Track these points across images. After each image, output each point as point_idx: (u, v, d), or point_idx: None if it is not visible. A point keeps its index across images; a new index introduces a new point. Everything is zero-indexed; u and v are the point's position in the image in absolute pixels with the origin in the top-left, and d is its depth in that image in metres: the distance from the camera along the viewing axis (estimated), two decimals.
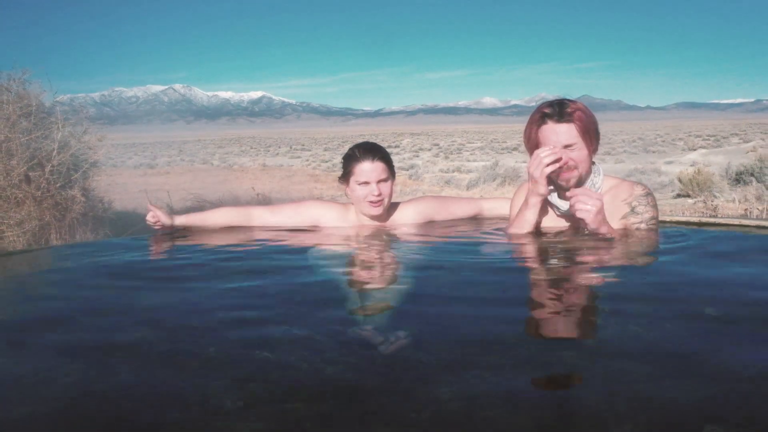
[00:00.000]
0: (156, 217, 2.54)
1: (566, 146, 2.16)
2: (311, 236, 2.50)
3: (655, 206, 2.23)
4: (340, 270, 2.02)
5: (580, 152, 2.17)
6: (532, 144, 2.22)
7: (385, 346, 1.22)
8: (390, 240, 2.46)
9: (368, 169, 2.45)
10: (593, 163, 2.28)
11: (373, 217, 2.56)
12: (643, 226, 2.19)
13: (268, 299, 1.62)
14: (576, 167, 2.18)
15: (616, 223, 2.21)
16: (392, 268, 2.07)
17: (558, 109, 2.16)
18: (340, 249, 2.35)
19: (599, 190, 2.25)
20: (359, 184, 2.46)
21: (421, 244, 2.39)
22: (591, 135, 2.18)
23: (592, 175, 2.26)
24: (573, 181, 2.21)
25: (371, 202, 2.46)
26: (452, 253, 2.18)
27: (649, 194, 2.25)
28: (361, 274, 1.98)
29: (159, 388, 1.06)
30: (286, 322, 1.39)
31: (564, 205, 2.28)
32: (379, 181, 2.46)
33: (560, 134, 2.15)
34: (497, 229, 2.54)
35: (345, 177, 2.54)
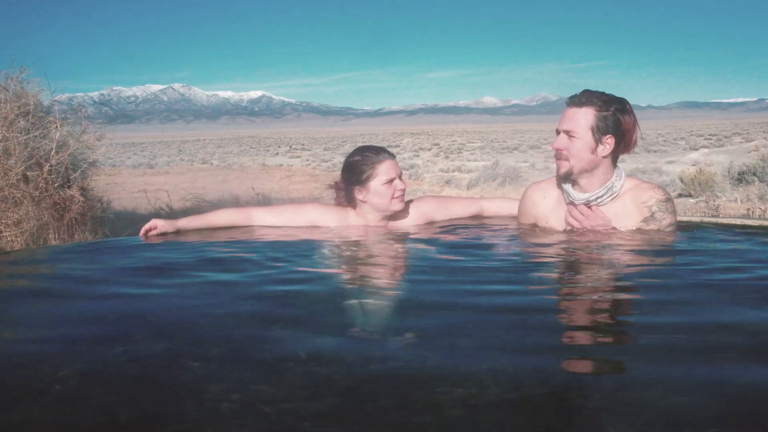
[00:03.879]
0: (152, 226, 2.54)
1: (566, 131, 2.15)
2: (312, 237, 2.49)
3: (673, 212, 2.22)
4: (341, 271, 2.02)
5: (576, 144, 2.13)
6: None
7: (394, 342, 1.22)
8: (390, 240, 2.45)
9: (393, 165, 2.49)
10: (616, 166, 2.23)
11: (385, 216, 2.56)
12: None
13: (267, 300, 1.61)
14: (567, 159, 2.15)
15: (635, 226, 2.20)
16: (393, 268, 2.06)
17: (580, 95, 2.15)
18: (340, 250, 2.34)
19: (619, 192, 2.23)
20: (384, 184, 2.47)
21: (421, 245, 2.38)
22: (604, 132, 2.12)
23: (610, 181, 2.21)
24: (562, 171, 2.19)
25: (399, 198, 2.51)
26: (453, 254, 2.18)
27: (669, 200, 2.23)
28: (361, 274, 1.97)
29: (156, 389, 1.05)
30: (285, 323, 1.38)
31: (575, 194, 2.26)
32: (400, 176, 2.52)
33: (564, 118, 2.16)
34: (498, 229, 2.54)
35: (362, 183, 2.50)
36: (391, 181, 2.48)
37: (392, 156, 2.54)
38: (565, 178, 2.22)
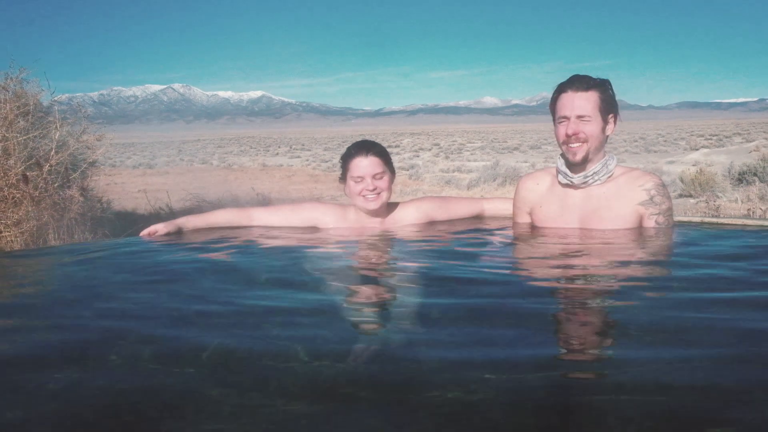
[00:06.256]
0: (150, 232, 2.56)
1: (579, 117, 2.19)
2: (310, 237, 2.50)
3: (670, 197, 2.30)
4: (340, 271, 2.02)
5: (592, 126, 2.20)
6: (552, 112, 2.29)
7: (394, 343, 1.21)
8: (390, 240, 2.46)
9: (362, 164, 2.46)
10: (604, 153, 2.29)
11: (373, 214, 2.55)
12: (661, 218, 2.22)
13: (266, 300, 1.61)
14: (586, 140, 2.20)
15: (631, 207, 2.23)
16: (392, 268, 2.06)
17: (578, 80, 2.20)
18: (339, 249, 2.35)
19: (611, 175, 2.27)
20: (354, 180, 2.47)
21: (421, 245, 2.39)
22: (608, 112, 2.21)
23: (605, 158, 2.28)
24: (579, 156, 2.22)
25: (365, 197, 2.47)
26: (452, 254, 2.18)
27: (664, 185, 2.30)
28: (360, 274, 1.98)
29: (155, 390, 1.05)
30: (283, 323, 1.39)
31: (571, 174, 2.29)
32: (374, 176, 2.46)
33: (576, 104, 2.19)
34: (498, 229, 2.54)
35: (343, 175, 2.55)
36: (359, 178, 2.47)
37: (373, 154, 2.48)
38: (582, 162, 2.25)
